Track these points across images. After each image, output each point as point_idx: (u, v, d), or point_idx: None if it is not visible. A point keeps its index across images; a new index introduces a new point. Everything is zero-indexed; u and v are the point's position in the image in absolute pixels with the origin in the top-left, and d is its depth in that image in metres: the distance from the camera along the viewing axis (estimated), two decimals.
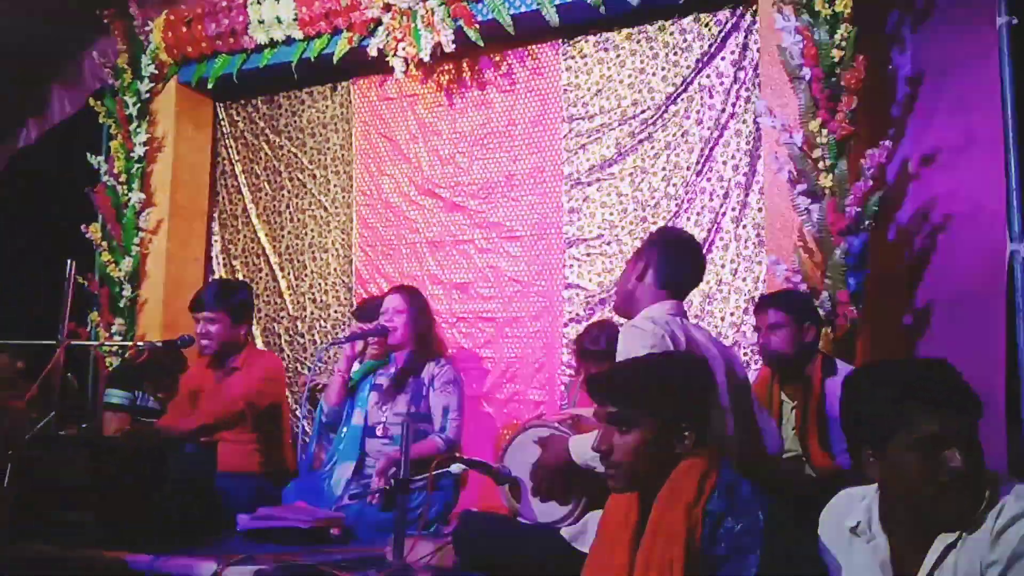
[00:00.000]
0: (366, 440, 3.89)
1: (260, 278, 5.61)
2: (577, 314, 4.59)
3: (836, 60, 3.66)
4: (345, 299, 5.28)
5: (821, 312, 3.55)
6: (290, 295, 5.52)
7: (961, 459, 1.69)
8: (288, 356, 5.42)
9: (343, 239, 5.37)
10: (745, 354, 4.11)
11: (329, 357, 5.06)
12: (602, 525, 2.10)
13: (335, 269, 5.39)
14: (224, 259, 5.79)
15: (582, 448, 2.59)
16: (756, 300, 3.82)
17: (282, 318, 5.52)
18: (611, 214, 4.58)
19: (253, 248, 5.69)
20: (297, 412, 5.12)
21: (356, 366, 4.09)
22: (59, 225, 5.50)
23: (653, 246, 2.79)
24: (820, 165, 3.68)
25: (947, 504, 1.72)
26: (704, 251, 4.22)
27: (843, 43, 3.65)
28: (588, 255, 4.62)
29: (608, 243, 4.57)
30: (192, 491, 3.45)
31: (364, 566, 2.80)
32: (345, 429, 3.94)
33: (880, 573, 1.82)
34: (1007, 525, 1.68)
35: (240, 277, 5.56)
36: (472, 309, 4.91)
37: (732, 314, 4.24)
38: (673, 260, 2.74)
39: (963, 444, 1.71)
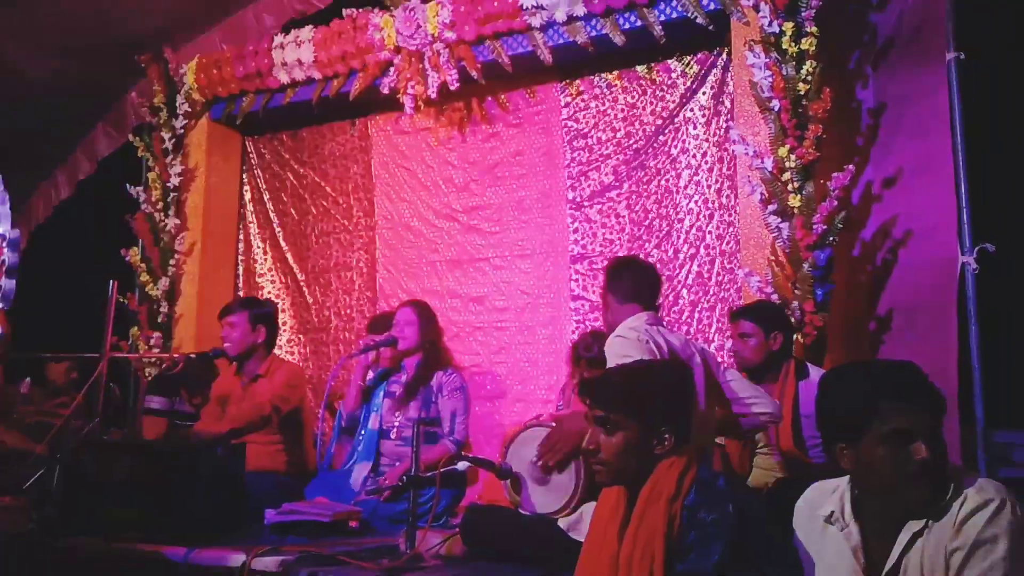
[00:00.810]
0: (381, 442, 3.88)
1: (287, 295, 5.61)
2: (582, 323, 4.61)
3: (802, 92, 3.67)
4: (369, 312, 5.25)
5: (792, 319, 3.56)
6: (315, 309, 5.52)
7: (927, 451, 1.68)
8: (311, 365, 5.41)
9: (367, 259, 5.37)
10: (730, 358, 4.11)
11: (347, 367, 5.07)
12: (594, 517, 2.09)
13: (359, 286, 5.38)
14: (253, 278, 5.79)
15: None
16: (728, 311, 3.84)
17: (308, 331, 5.52)
18: (610, 233, 4.61)
19: (281, 267, 5.68)
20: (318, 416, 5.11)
21: (370, 374, 4.09)
22: (102, 250, 5.50)
23: (607, 279, 2.95)
24: (789, 187, 3.68)
25: (915, 493, 1.71)
26: (691, 264, 4.30)
27: (808, 77, 3.66)
28: (591, 270, 4.65)
29: (608, 259, 4.59)
30: (223, 488, 3.42)
31: (379, 555, 2.78)
32: (362, 432, 3.94)
33: (852, 559, 1.80)
34: (969, 515, 1.66)
35: (268, 294, 5.56)
36: (488, 320, 4.92)
37: (719, 321, 4.25)
38: (624, 280, 2.87)
39: (929, 438, 1.70)
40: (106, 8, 5.10)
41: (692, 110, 4.44)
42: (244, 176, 5.87)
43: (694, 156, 4.41)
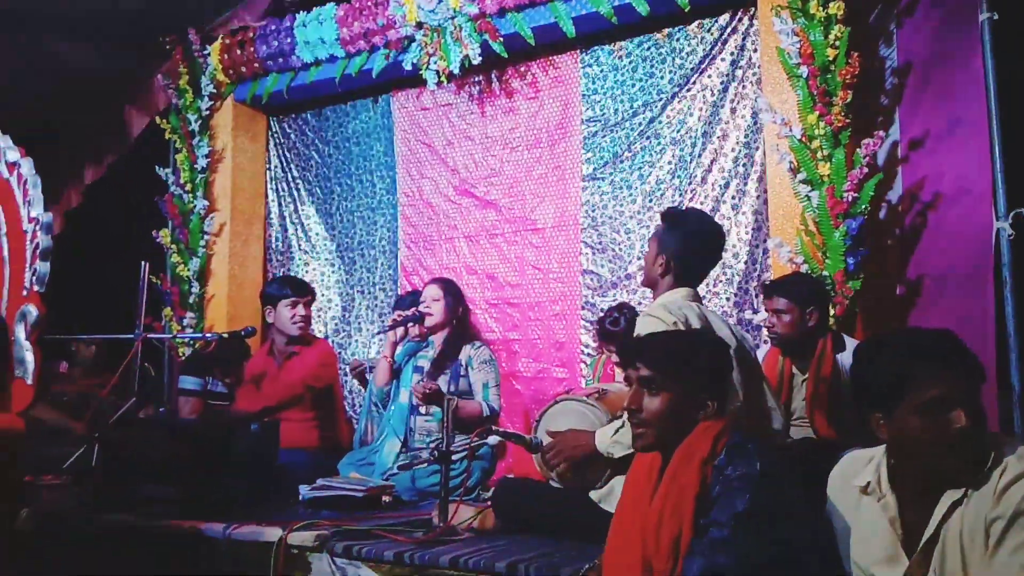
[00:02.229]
0: (412, 417, 3.90)
1: (313, 273, 5.62)
2: (592, 298, 4.57)
3: (830, 58, 3.60)
4: (392, 291, 5.27)
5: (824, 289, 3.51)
6: (339, 288, 5.54)
7: (966, 420, 1.64)
8: (334, 342, 5.42)
9: (389, 236, 5.37)
10: (748, 331, 4.07)
11: (376, 342, 5.09)
12: (627, 482, 2.08)
13: (381, 264, 5.39)
14: (280, 257, 5.81)
15: (603, 437, 2.61)
16: (761, 284, 3.77)
17: (330, 307, 5.54)
18: (621, 205, 4.55)
19: (306, 246, 5.70)
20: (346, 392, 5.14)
21: (399, 349, 4.10)
22: (133, 231, 5.55)
23: (675, 232, 2.69)
24: (818, 155, 3.62)
25: (953, 463, 1.68)
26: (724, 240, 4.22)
27: (836, 42, 3.59)
28: (600, 243, 4.60)
29: (617, 232, 4.55)
30: (258, 465, 3.47)
31: (412, 529, 2.80)
32: (393, 407, 3.95)
33: (889, 529, 1.78)
34: (1011, 483, 1.63)
35: (294, 273, 5.59)
36: (501, 296, 4.90)
37: (736, 294, 4.20)
38: (694, 253, 2.68)
39: (967, 406, 1.65)
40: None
41: (710, 76, 4.35)
42: (270, 156, 5.87)
43: (709, 124, 4.33)
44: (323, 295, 5.53)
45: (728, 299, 4.21)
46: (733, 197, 4.24)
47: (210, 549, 2.86)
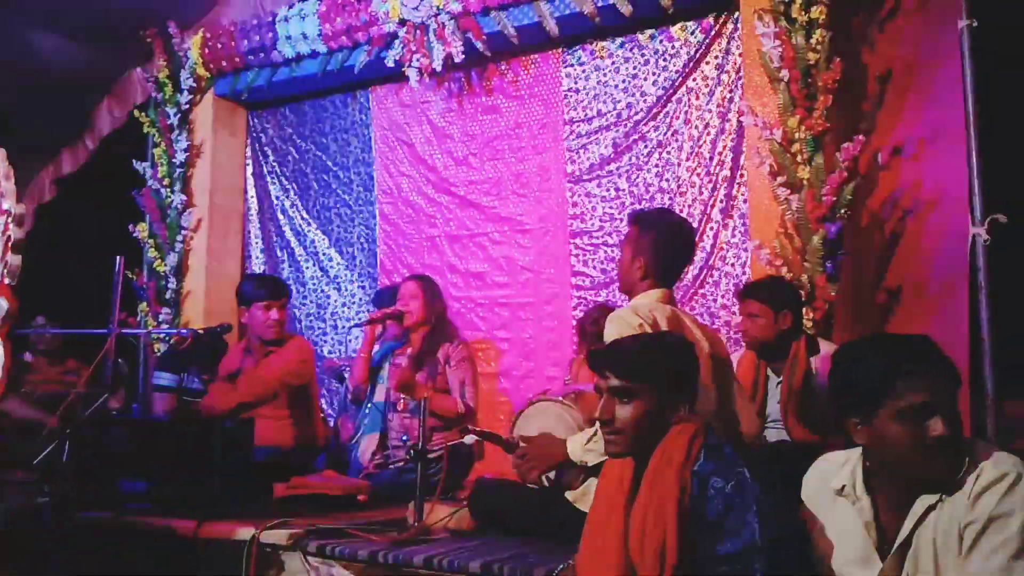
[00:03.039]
0: (388, 415, 3.88)
1: (291, 270, 5.58)
2: (584, 298, 4.57)
3: (812, 62, 3.61)
4: (371, 287, 5.24)
5: (802, 293, 3.52)
6: (312, 284, 5.51)
7: (943, 428, 1.65)
8: (310, 339, 5.39)
9: (367, 234, 5.34)
10: (735, 333, 4.07)
11: (352, 339, 5.06)
12: (599, 489, 2.07)
13: (360, 261, 5.36)
14: (256, 253, 5.77)
15: (576, 446, 2.59)
16: (740, 286, 3.79)
17: (306, 304, 5.51)
18: (610, 207, 4.54)
19: (283, 242, 5.66)
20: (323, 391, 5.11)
21: (376, 347, 4.08)
22: (109, 226, 5.50)
23: (647, 234, 2.69)
24: (798, 159, 3.63)
25: (930, 468, 1.68)
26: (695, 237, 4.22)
27: (818, 47, 3.60)
28: (591, 245, 4.59)
29: (609, 234, 4.53)
30: (232, 462, 3.43)
31: (388, 528, 2.79)
32: (369, 405, 3.93)
33: (864, 532, 1.78)
34: (985, 488, 1.64)
35: (269, 270, 5.55)
36: (489, 296, 4.88)
37: (723, 296, 4.21)
38: (666, 252, 2.67)
39: (945, 413, 1.67)
40: None
41: (695, 79, 4.36)
42: (249, 150, 5.83)
43: (696, 127, 4.34)
44: (299, 291, 5.50)
45: (715, 300, 4.23)
46: (721, 200, 4.25)
47: (182, 547, 2.83)
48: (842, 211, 3.57)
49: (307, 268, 5.54)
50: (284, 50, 5.13)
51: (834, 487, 1.85)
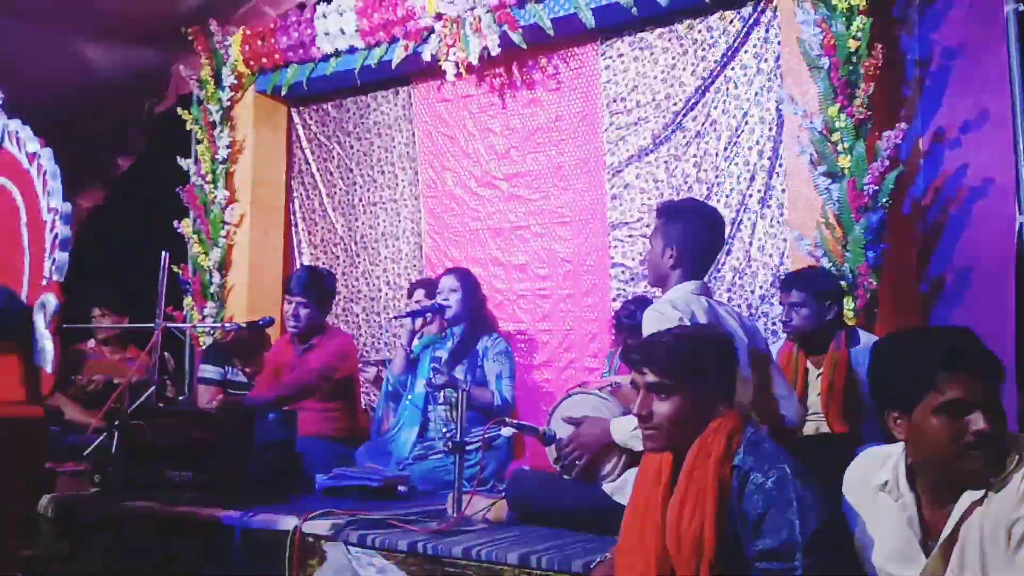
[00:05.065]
0: (428, 407, 3.90)
1: (338, 264, 5.62)
2: (622, 290, 4.54)
3: (852, 50, 3.54)
4: (412, 281, 5.28)
5: (843, 284, 3.47)
6: (365, 279, 5.54)
7: (984, 423, 1.61)
8: (365, 333, 5.44)
9: (413, 227, 5.35)
10: (772, 323, 4.04)
11: (394, 333, 5.10)
12: (637, 483, 2.06)
13: (406, 255, 5.38)
14: (304, 248, 5.82)
15: (621, 430, 2.57)
16: (781, 276, 3.74)
17: (359, 299, 5.55)
18: (649, 198, 4.50)
19: (330, 238, 5.69)
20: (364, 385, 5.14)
21: (416, 340, 4.10)
22: (155, 222, 5.59)
23: (674, 224, 2.65)
24: (839, 148, 3.56)
25: (972, 465, 1.64)
26: (731, 229, 4.18)
27: (859, 34, 3.53)
28: (630, 236, 4.56)
29: (647, 225, 4.48)
30: (274, 454, 3.49)
31: (427, 519, 2.81)
32: (409, 397, 3.95)
33: (908, 529, 1.75)
34: None
35: (319, 263, 5.59)
36: (530, 288, 4.87)
37: (761, 287, 4.15)
38: (696, 241, 2.64)
39: (986, 408, 1.62)
40: None
41: (734, 68, 4.29)
42: (291, 146, 5.88)
43: (734, 117, 4.27)
44: (352, 286, 5.54)
45: (752, 292, 4.17)
46: (759, 191, 4.19)
47: (227, 536, 2.88)
48: (884, 200, 3.50)
49: (359, 263, 5.57)
50: (323, 46, 5.16)
51: (876, 483, 1.82)
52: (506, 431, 2.89)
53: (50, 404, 3.91)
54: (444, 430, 3.74)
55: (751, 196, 4.20)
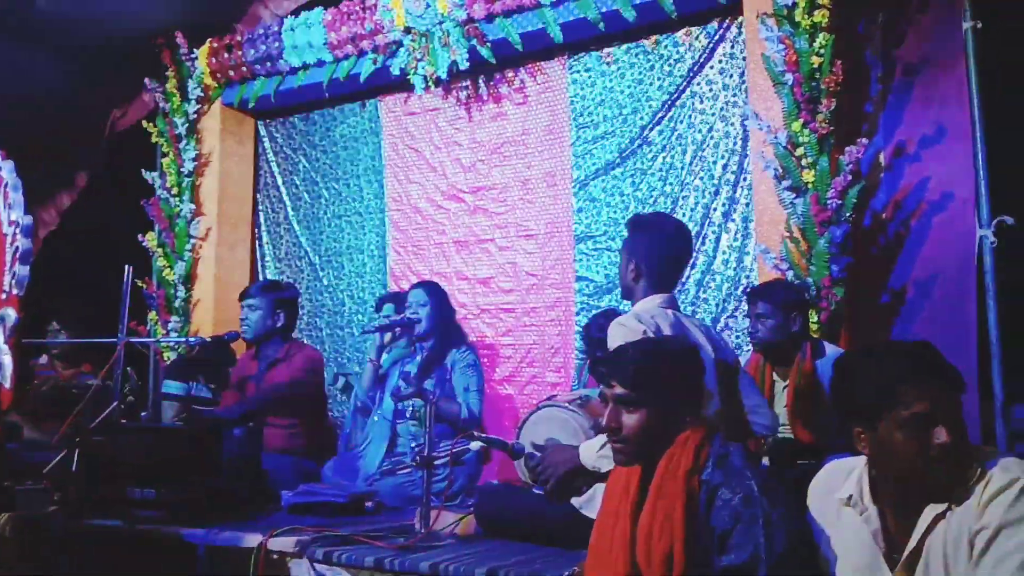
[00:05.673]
0: (396, 422, 3.87)
1: (302, 278, 5.58)
2: (587, 304, 4.55)
3: (815, 66, 3.59)
4: (381, 295, 5.25)
5: (807, 296, 3.50)
6: (330, 293, 5.51)
7: (947, 436, 1.63)
8: (328, 347, 5.40)
9: (377, 241, 5.34)
10: (737, 336, 4.07)
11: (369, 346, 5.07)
12: (605, 496, 2.05)
13: (370, 268, 5.36)
14: (268, 262, 5.78)
15: (589, 453, 2.57)
16: (747, 289, 3.76)
17: (323, 313, 5.51)
18: (614, 212, 4.53)
19: (295, 251, 5.66)
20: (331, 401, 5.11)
21: (385, 355, 4.08)
22: (117, 235, 5.51)
23: (639, 237, 2.67)
24: (803, 162, 3.61)
25: (935, 477, 1.66)
26: (696, 242, 4.20)
27: (821, 50, 3.58)
28: (595, 250, 4.57)
29: (612, 239, 4.51)
30: (240, 470, 3.44)
31: (394, 534, 2.78)
32: (377, 412, 3.93)
33: (871, 542, 1.75)
34: (995, 495, 1.60)
35: (283, 278, 5.55)
36: (494, 301, 4.87)
37: (725, 300, 4.19)
38: (660, 255, 2.64)
39: (949, 422, 1.64)
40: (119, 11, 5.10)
41: (699, 84, 4.34)
42: (258, 159, 5.84)
43: (700, 131, 4.31)
44: (316, 300, 5.51)
45: (716, 305, 4.20)
46: (723, 204, 4.23)
47: (190, 554, 2.84)
48: (847, 214, 3.55)
49: (323, 276, 5.54)
50: (291, 59, 5.14)
51: (840, 497, 1.82)
52: (475, 445, 2.87)
53: (9, 420, 3.82)
54: (413, 445, 3.71)
55: (716, 210, 4.24)
